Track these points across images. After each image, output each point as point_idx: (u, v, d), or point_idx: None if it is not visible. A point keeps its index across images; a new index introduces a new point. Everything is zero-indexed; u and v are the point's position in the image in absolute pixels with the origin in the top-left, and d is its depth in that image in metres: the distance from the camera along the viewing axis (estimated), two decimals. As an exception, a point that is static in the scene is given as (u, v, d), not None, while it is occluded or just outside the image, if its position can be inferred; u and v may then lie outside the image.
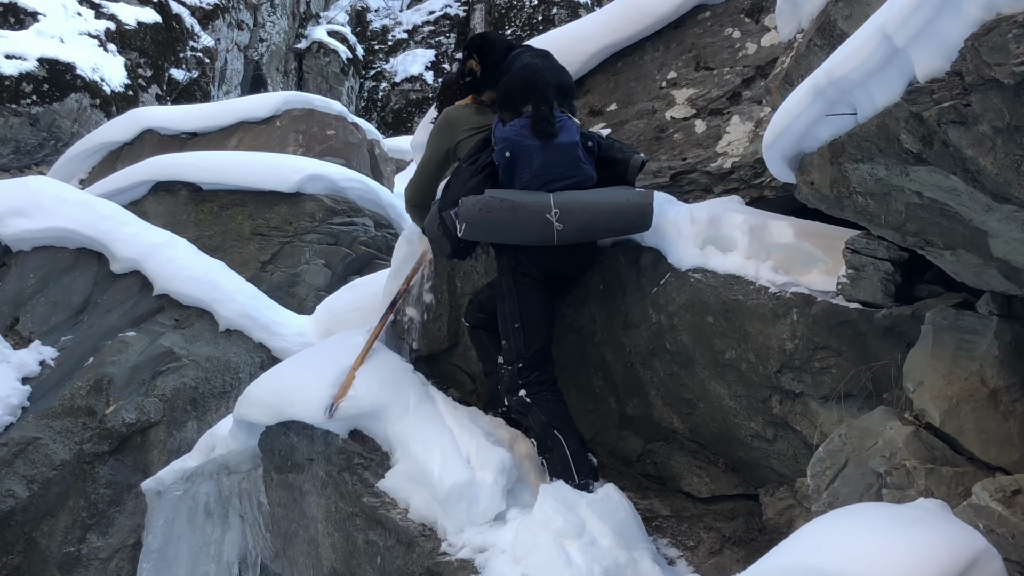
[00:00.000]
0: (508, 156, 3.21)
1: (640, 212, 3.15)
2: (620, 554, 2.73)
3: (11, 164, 8.62)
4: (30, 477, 4.15)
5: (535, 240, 3.13)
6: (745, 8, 3.82)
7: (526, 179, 3.18)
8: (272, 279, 5.77)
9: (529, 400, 3.16)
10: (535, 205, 3.10)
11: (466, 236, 3.14)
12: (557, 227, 3.08)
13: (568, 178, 3.20)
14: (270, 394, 3.38)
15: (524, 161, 3.20)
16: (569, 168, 3.21)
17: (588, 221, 3.12)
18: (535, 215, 3.08)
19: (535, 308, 3.23)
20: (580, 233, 3.13)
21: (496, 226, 3.11)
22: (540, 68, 3.39)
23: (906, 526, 1.81)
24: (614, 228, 3.19)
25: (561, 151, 3.22)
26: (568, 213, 3.09)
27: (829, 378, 2.70)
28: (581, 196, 3.14)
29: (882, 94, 1.82)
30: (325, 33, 15.36)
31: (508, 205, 3.10)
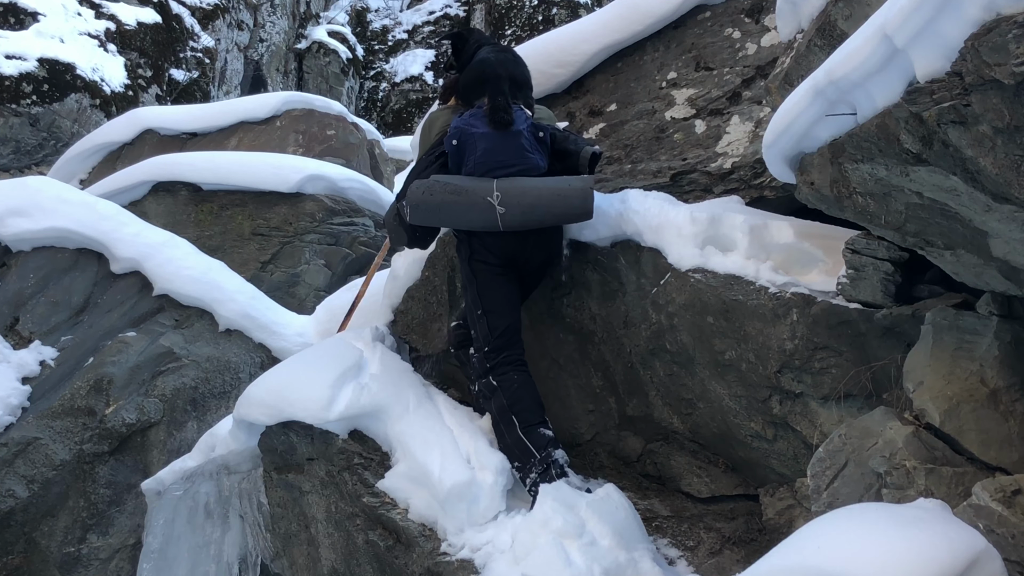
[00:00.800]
0: (455, 144, 3.33)
1: (581, 196, 3.20)
2: (620, 554, 2.73)
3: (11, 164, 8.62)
4: (30, 477, 4.15)
5: (480, 224, 3.20)
6: (745, 8, 3.82)
7: (470, 166, 3.28)
8: (272, 279, 5.77)
9: (495, 383, 3.17)
10: (477, 189, 3.18)
11: (413, 220, 3.22)
12: (500, 211, 3.15)
13: (510, 166, 3.27)
14: (270, 394, 3.38)
15: (469, 149, 3.30)
16: (512, 156, 3.29)
17: (530, 205, 3.17)
18: (477, 198, 3.16)
19: (495, 292, 3.28)
20: (524, 217, 3.19)
21: (440, 210, 3.19)
22: (493, 62, 3.50)
23: (906, 526, 1.81)
24: (555, 213, 3.22)
25: (504, 139, 3.31)
26: (509, 197, 3.16)
27: (829, 378, 2.70)
28: (523, 182, 3.22)
29: (882, 94, 1.82)
30: (325, 33, 15.36)
31: (451, 188, 3.19)
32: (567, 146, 3.43)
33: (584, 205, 3.21)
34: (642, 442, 3.36)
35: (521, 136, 3.33)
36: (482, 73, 3.47)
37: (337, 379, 3.28)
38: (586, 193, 3.21)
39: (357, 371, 3.36)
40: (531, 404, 3.16)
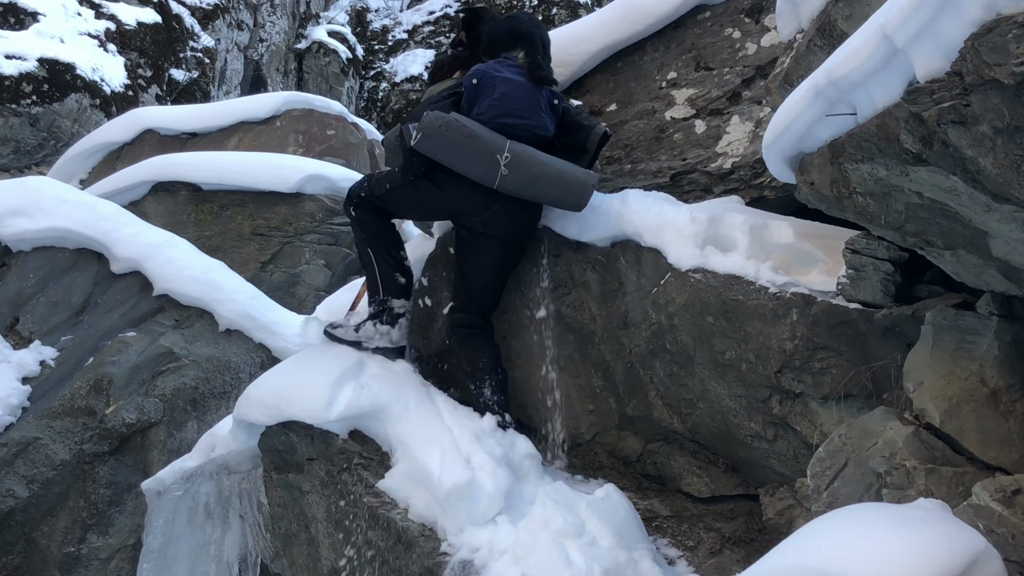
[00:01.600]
0: (475, 83, 3.37)
1: (580, 188, 3.23)
2: (620, 554, 2.73)
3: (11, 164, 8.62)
4: (30, 477, 4.14)
5: (477, 175, 3.21)
6: (745, 8, 3.82)
7: (483, 106, 3.31)
8: (272, 279, 5.77)
9: (353, 212, 3.43)
10: (491, 142, 3.20)
11: (418, 147, 3.21)
12: (503, 172, 3.17)
13: (523, 118, 3.32)
14: (270, 394, 3.38)
15: (487, 91, 3.33)
16: (526, 109, 3.34)
17: (532, 176, 3.20)
18: (488, 151, 3.18)
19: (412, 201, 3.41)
20: (521, 185, 3.22)
21: (449, 147, 3.20)
22: (527, 20, 3.62)
23: (906, 526, 1.81)
24: (551, 194, 3.25)
25: (525, 91, 3.36)
26: (517, 161, 3.18)
27: (829, 378, 2.70)
28: (534, 152, 3.24)
29: (882, 94, 1.82)
30: (325, 33, 15.35)
31: (467, 132, 3.20)
32: (580, 120, 3.49)
33: (580, 198, 3.26)
34: (642, 442, 3.36)
35: (540, 94, 3.39)
36: (517, 28, 3.56)
37: (337, 379, 3.28)
38: (586, 187, 3.24)
39: (357, 371, 3.35)
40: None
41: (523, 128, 3.31)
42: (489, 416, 3.28)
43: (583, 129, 3.47)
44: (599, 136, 3.46)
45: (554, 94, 3.50)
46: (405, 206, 3.51)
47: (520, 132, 3.31)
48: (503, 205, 3.30)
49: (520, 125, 3.31)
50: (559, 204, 3.32)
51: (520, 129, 3.31)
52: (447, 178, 3.31)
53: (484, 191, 3.26)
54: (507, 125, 3.28)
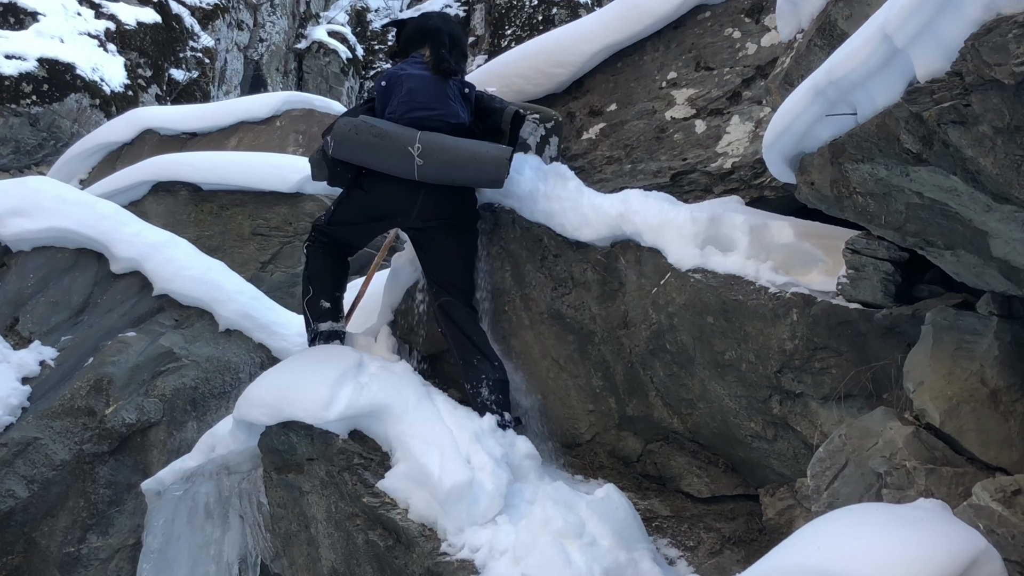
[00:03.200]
0: (384, 85, 3.57)
1: (495, 164, 3.34)
2: (620, 554, 2.73)
3: (11, 164, 8.61)
4: (30, 477, 4.14)
5: (396, 170, 3.36)
6: (745, 8, 3.82)
7: (394, 105, 3.49)
8: (272, 279, 5.76)
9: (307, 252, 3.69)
10: (401, 137, 3.35)
11: (335, 154, 3.40)
12: (418, 162, 3.31)
13: (432, 109, 3.48)
14: (270, 394, 3.38)
15: (396, 89, 3.52)
16: (433, 100, 3.50)
17: (447, 162, 3.32)
18: (399, 146, 3.32)
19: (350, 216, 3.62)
20: (439, 172, 3.34)
21: (362, 150, 3.36)
22: (435, 16, 3.80)
23: (906, 526, 1.81)
24: (469, 175, 3.37)
25: (431, 84, 3.53)
26: (429, 150, 3.31)
27: (829, 378, 2.70)
28: (444, 138, 3.39)
29: (882, 94, 1.82)
30: (325, 33, 15.35)
31: (376, 132, 3.36)
32: (492, 104, 3.64)
33: (497, 173, 3.36)
34: (642, 442, 3.36)
35: (447, 85, 3.55)
36: (423, 26, 3.75)
37: (337, 379, 3.27)
38: (500, 162, 3.36)
39: (357, 371, 3.35)
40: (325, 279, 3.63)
41: (434, 119, 3.47)
42: (489, 416, 3.28)
43: (496, 112, 3.62)
44: (511, 116, 3.59)
45: (464, 84, 3.65)
46: (349, 223, 3.64)
47: (432, 123, 3.45)
48: (426, 194, 3.42)
49: (431, 116, 3.46)
50: (479, 183, 3.45)
51: (432, 120, 3.46)
52: (372, 181, 3.48)
53: (407, 186, 3.40)
54: (418, 118, 3.44)
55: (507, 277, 3.62)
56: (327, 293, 3.66)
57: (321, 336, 3.63)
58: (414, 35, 3.77)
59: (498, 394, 3.36)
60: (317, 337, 3.65)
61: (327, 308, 3.65)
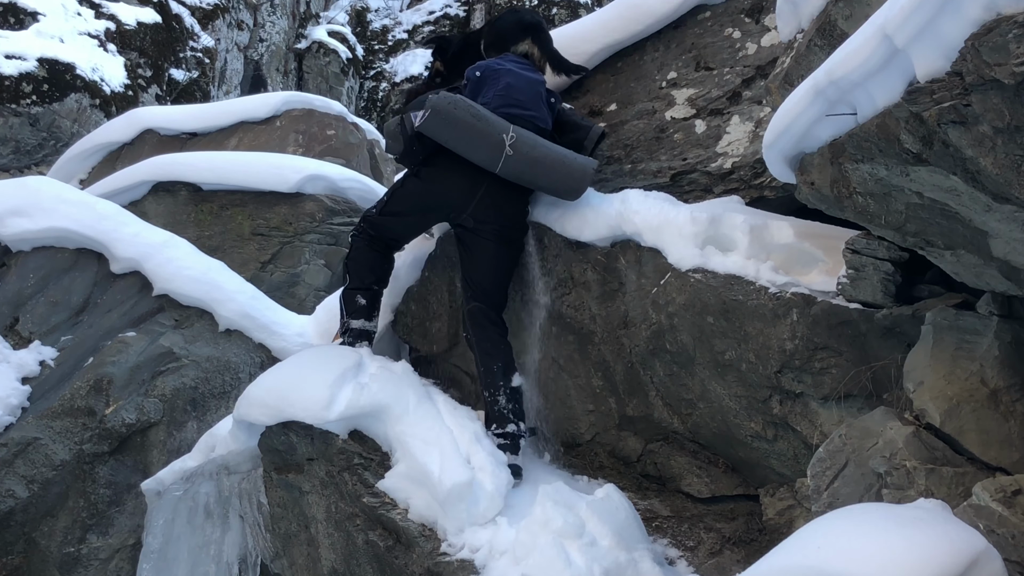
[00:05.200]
0: (478, 75, 3.52)
1: (581, 173, 3.32)
2: (620, 554, 2.73)
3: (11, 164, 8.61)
4: (30, 477, 4.14)
5: (481, 157, 3.28)
6: (745, 8, 3.82)
7: (488, 96, 3.44)
8: (272, 279, 5.76)
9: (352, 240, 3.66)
10: (497, 124, 3.29)
11: (425, 126, 3.28)
12: (508, 152, 3.24)
13: (526, 108, 3.45)
14: (270, 394, 3.38)
15: (491, 82, 3.47)
16: (530, 101, 3.48)
17: (535, 159, 3.27)
18: (494, 131, 3.26)
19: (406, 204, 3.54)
20: (523, 168, 3.28)
21: (456, 126, 3.26)
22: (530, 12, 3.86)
23: (906, 526, 1.81)
24: (552, 178, 3.33)
25: (528, 83, 3.52)
26: (521, 143, 3.27)
27: (829, 378, 2.70)
28: (537, 137, 3.35)
29: (882, 94, 1.82)
30: (325, 33, 15.34)
31: (474, 112, 3.29)
32: (576, 120, 3.61)
33: (580, 183, 3.34)
34: (642, 442, 3.36)
35: (541, 87, 3.54)
36: (523, 20, 3.73)
37: (337, 379, 3.27)
38: (586, 173, 3.34)
39: (357, 371, 3.35)
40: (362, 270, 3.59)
41: (527, 119, 3.41)
42: None
43: (580, 128, 3.57)
44: (597, 135, 3.55)
45: (551, 92, 3.62)
46: (401, 213, 3.56)
47: (524, 123, 3.39)
48: (488, 192, 3.36)
49: (524, 116, 3.40)
50: (558, 190, 3.38)
51: (524, 120, 3.40)
52: (436, 171, 3.41)
53: (471, 179, 3.34)
54: (512, 115, 3.37)
55: (507, 277, 3.61)
56: (365, 288, 3.61)
57: (351, 332, 3.58)
58: (512, 30, 3.71)
59: (515, 403, 3.31)
60: (347, 332, 3.59)
61: (362, 305, 3.59)
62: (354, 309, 3.59)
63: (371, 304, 3.63)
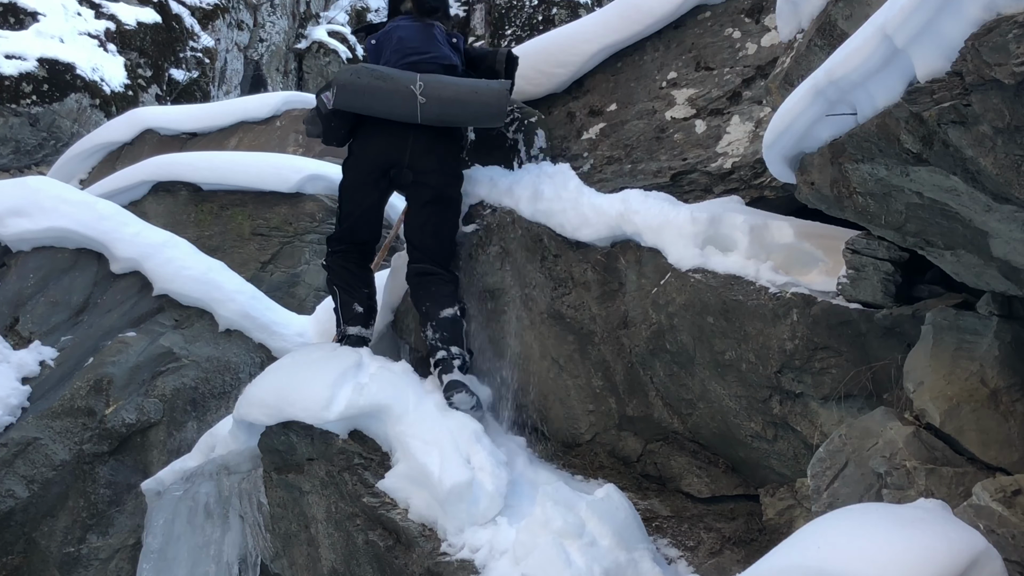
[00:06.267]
0: (374, 43, 3.67)
1: (496, 97, 3.44)
2: (620, 554, 2.73)
3: (11, 164, 8.61)
4: (30, 477, 4.14)
5: (399, 113, 3.40)
6: (745, 8, 3.82)
7: (387, 55, 3.58)
8: (272, 279, 5.76)
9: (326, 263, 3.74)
10: (402, 78, 3.40)
11: (337, 102, 3.42)
12: (420, 100, 3.36)
13: (424, 53, 3.58)
14: (270, 394, 3.38)
15: (386, 43, 3.63)
16: (424, 44, 3.62)
17: (448, 99, 3.39)
18: (401, 86, 3.37)
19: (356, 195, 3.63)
20: (441, 110, 3.40)
21: (365, 93, 3.39)
22: None
23: (906, 526, 1.81)
24: (471, 111, 3.45)
25: (418, 30, 3.66)
26: (430, 89, 3.38)
27: (829, 378, 2.70)
28: (444, 77, 3.48)
29: (882, 94, 1.82)
30: (325, 33, 15.33)
31: (377, 74, 3.42)
32: (483, 51, 3.78)
33: (499, 105, 3.44)
34: (642, 442, 3.36)
35: (435, 29, 3.68)
36: None
37: (337, 379, 3.27)
38: (502, 95, 3.45)
39: (356, 371, 3.35)
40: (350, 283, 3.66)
41: (427, 61, 3.56)
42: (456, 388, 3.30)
43: (488, 55, 3.75)
44: (504, 56, 3.71)
45: (451, 34, 3.77)
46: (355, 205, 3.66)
47: (426, 65, 3.54)
48: (416, 141, 3.48)
49: (424, 59, 3.56)
50: (481, 119, 3.52)
51: (425, 63, 3.55)
52: (365, 137, 3.53)
53: (398, 132, 3.46)
54: (412, 63, 3.53)
55: (507, 277, 3.62)
56: (359, 295, 3.68)
57: (348, 340, 3.62)
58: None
59: (442, 332, 3.44)
60: (344, 340, 3.64)
61: (359, 312, 3.66)
62: (351, 316, 3.66)
63: (368, 312, 3.70)
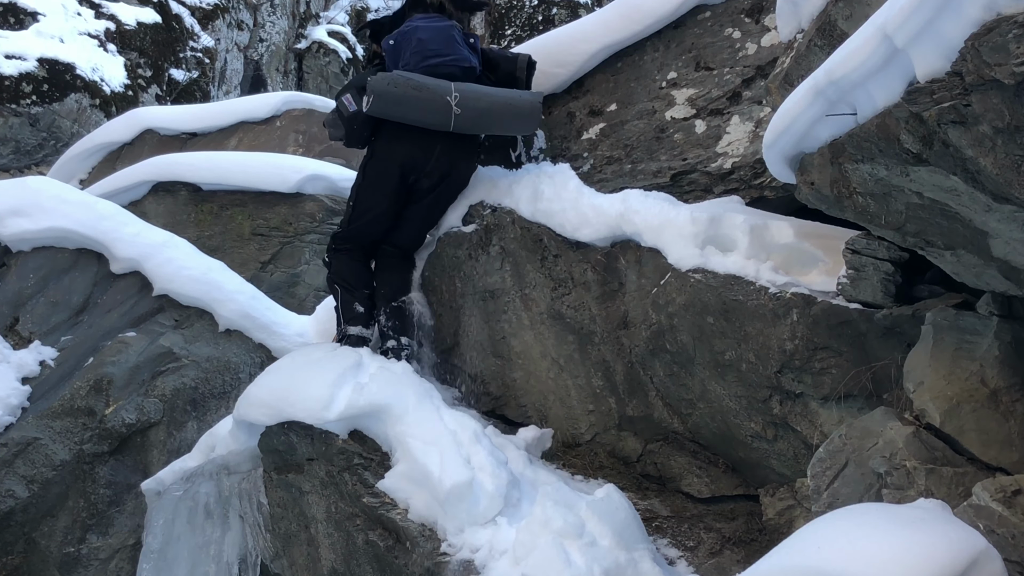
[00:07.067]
0: (392, 44, 3.63)
1: (530, 109, 3.49)
2: (620, 554, 2.73)
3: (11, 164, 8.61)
4: (30, 477, 4.14)
5: (432, 122, 3.42)
6: (745, 8, 3.82)
7: (407, 57, 3.55)
8: (272, 279, 5.76)
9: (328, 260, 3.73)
10: (438, 88, 3.40)
11: (372, 110, 3.42)
12: (456, 111, 3.37)
13: (444, 55, 3.56)
14: (270, 394, 3.38)
15: (405, 44, 3.58)
16: (444, 46, 3.58)
17: (483, 110, 3.42)
18: (438, 96, 3.38)
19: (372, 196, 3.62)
20: (476, 121, 3.43)
21: (401, 102, 3.39)
22: None
23: (906, 526, 1.81)
24: (506, 122, 3.51)
25: (438, 30, 3.62)
26: (466, 100, 3.39)
27: (829, 378, 2.70)
28: (478, 87, 3.48)
29: (882, 94, 1.82)
30: (325, 33, 15.33)
31: (414, 84, 3.40)
32: (503, 54, 3.76)
33: (533, 116, 3.52)
34: (642, 442, 3.36)
35: (454, 30, 3.66)
36: None
37: (337, 379, 3.27)
38: (535, 107, 3.51)
39: (356, 371, 3.35)
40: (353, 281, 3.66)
41: (448, 64, 3.53)
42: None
43: (508, 61, 3.72)
44: (525, 63, 3.70)
45: (469, 35, 3.75)
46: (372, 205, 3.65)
47: (446, 69, 3.52)
48: (444, 149, 3.50)
49: (444, 62, 3.53)
50: (514, 129, 3.58)
51: (445, 66, 3.53)
52: (391, 139, 3.52)
53: (428, 139, 3.47)
54: (433, 65, 3.50)
55: (507, 277, 3.62)
56: (360, 294, 3.67)
57: (348, 340, 3.62)
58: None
59: (394, 320, 3.57)
60: (345, 339, 3.63)
61: (360, 312, 3.65)
62: (352, 316, 3.65)
63: (368, 311, 3.69)
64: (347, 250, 3.71)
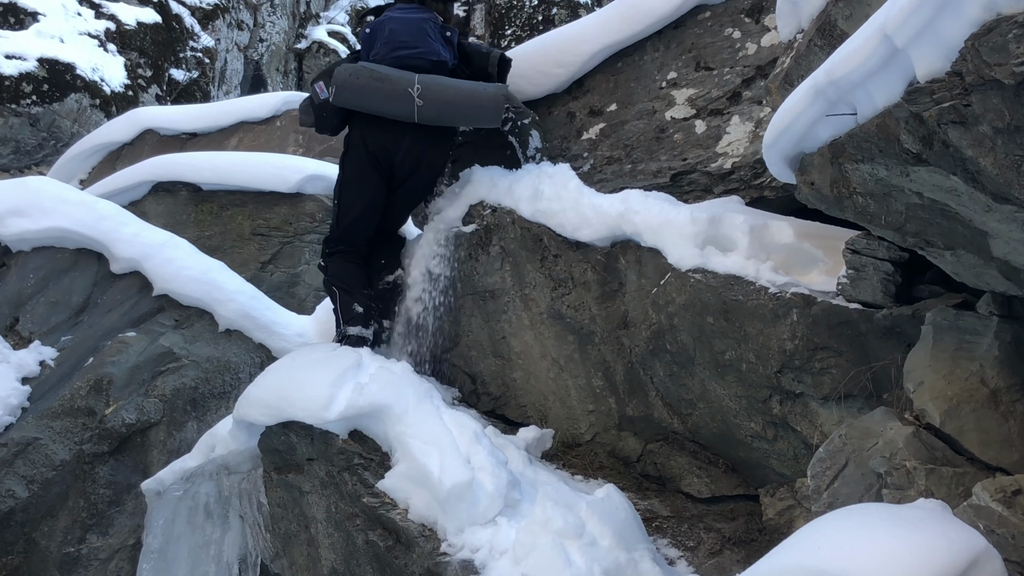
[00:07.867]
0: (368, 32, 3.69)
1: (493, 102, 3.51)
2: (620, 555, 2.73)
3: (11, 164, 8.61)
4: (30, 477, 4.14)
5: (396, 112, 3.47)
6: (745, 8, 3.82)
7: (377, 47, 3.61)
8: (272, 279, 5.76)
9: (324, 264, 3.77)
10: (400, 79, 3.45)
11: (336, 100, 3.50)
12: (418, 103, 3.42)
13: (414, 47, 3.60)
14: (270, 394, 3.38)
15: (379, 34, 3.64)
16: (414, 38, 3.62)
17: (446, 102, 3.45)
18: (399, 88, 3.43)
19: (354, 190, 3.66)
20: (438, 112, 3.47)
21: (363, 93, 3.45)
22: None
23: (906, 526, 1.81)
24: (468, 114, 3.54)
25: (411, 22, 3.66)
26: (428, 91, 3.44)
27: (829, 378, 2.70)
28: (442, 79, 3.52)
29: (882, 94, 1.82)
30: (325, 33, 15.33)
31: (376, 75, 3.46)
32: (478, 49, 3.80)
33: (495, 110, 3.53)
34: (642, 442, 3.36)
35: (428, 23, 3.68)
36: None
37: (337, 379, 3.27)
38: (498, 100, 3.53)
39: (356, 371, 3.35)
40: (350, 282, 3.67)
41: (415, 56, 3.58)
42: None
43: (481, 56, 3.76)
44: (497, 58, 3.74)
45: (446, 27, 3.77)
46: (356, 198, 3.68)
47: (414, 61, 3.56)
48: (412, 139, 3.54)
49: (412, 55, 3.57)
50: (477, 121, 3.60)
51: (413, 58, 3.57)
52: (363, 129, 3.57)
53: (396, 130, 3.51)
54: (400, 57, 3.55)
55: (507, 277, 3.62)
56: (358, 294, 3.68)
57: (348, 340, 3.62)
58: None
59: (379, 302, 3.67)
60: (344, 340, 3.64)
61: (359, 312, 3.66)
62: (351, 316, 3.66)
63: (367, 312, 3.69)
64: (341, 252, 3.74)
